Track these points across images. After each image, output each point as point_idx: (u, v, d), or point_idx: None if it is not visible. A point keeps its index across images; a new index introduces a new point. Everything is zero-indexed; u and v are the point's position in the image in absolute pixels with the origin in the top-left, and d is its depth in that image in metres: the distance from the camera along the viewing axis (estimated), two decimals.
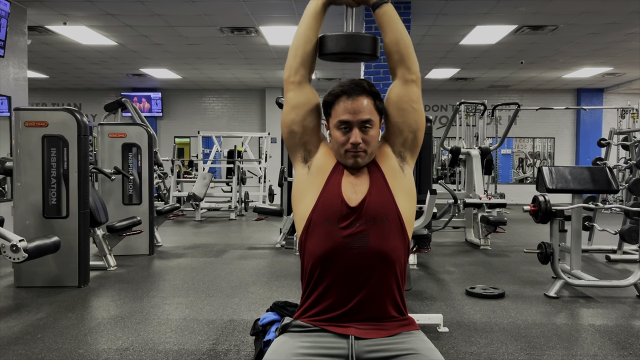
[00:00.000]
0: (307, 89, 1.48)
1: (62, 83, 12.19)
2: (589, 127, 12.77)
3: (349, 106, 1.40)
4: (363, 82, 1.43)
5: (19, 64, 6.17)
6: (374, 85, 1.46)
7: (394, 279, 1.37)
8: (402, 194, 1.43)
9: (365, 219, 1.36)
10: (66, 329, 3.14)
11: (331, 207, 1.38)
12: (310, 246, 1.39)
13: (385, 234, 1.36)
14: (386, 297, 1.36)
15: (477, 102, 7.59)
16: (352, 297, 1.34)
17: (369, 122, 1.40)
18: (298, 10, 6.48)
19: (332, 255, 1.35)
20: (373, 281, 1.34)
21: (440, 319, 3.16)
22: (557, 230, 4.00)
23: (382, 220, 1.37)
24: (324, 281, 1.36)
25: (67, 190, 4.14)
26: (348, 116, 1.39)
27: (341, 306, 1.34)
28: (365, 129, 1.40)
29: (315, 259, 1.37)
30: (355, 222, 1.36)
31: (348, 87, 1.41)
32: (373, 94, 1.43)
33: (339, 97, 1.41)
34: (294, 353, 1.30)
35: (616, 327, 3.23)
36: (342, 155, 1.43)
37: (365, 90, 1.41)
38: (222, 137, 11.03)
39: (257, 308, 3.60)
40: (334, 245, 1.35)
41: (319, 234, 1.37)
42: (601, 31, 7.41)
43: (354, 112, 1.39)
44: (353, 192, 1.39)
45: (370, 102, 1.42)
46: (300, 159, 1.49)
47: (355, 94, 1.40)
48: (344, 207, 1.37)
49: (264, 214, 6.62)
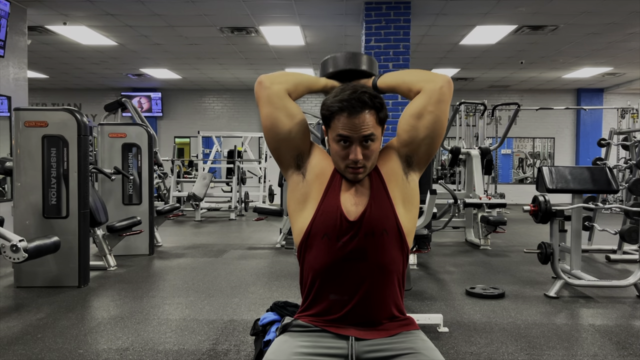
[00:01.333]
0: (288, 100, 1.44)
1: (62, 83, 12.19)
2: (589, 127, 12.77)
3: (349, 123, 1.32)
4: (364, 95, 1.32)
5: (19, 64, 6.17)
6: (377, 95, 1.36)
7: (393, 286, 1.38)
8: (403, 203, 1.40)
9: (365, 233, 1.33)
10: (66, 329, 3.14)
11: (330, 220, 1.35)
12: (309, 259, 1.38)
13: (384, 247, 1.35)
14: (385, 302, 1.37)
15: (477, 102, 7.59)
16: (352, 305, 1.35)
17: (371, 137, 1.33)
18: (298, 10, 6.48)
19: (331, 269, 1.35)
20: (372, 290, 1.35)
21: (440, 319, 3.16)
22: (557, 230, 4.00)
23: (381, 232, 1.34)
24: (323, 292, 1.37)
25: (67, 190, 4.14)
26: (348, 132, 1.32)
27: (341, 310, 1.35)
28: (366, 144, 1.34)
29: (314, 272, 1.37)
30: (355, 237, 1.34)
31: (348, 102, 1.31)
32: (376, 106, 1.34)
33: (339, 113, 1.33)
34: (295, 352, 1.30)
35: (616, 327, 3.23)
36: (342, 169, 1.38)
37: (366, 105, 1.32)
38: (222, 137, 11.04)
39: (257, 308, 3.60)
40: (333, 259, 1.34)
41: (318, 247, 1.36)
42: (601, 31, 7.41)
43: (355, 129, 1.32)
44: (352, 204, 1.36)
45: (373, 117, 1.34)
46: (292, 166, 1.44)
47: (356, 111, 1.31)
48: (343, 221, 1.34)
49: (264, 214, 6.62)
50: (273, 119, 1.41)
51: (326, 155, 1.46)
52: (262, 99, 1.42)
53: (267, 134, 1.43)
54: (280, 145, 1.43)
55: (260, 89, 1.42)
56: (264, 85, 1.42)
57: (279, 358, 1.29)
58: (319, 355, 1.30)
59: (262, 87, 1.42)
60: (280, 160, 1.46)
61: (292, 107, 1.43)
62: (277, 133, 1.41)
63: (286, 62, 9.67)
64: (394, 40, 6.27)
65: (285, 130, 1.41)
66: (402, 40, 6.28)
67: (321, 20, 6.98)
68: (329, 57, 1.57)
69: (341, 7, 6.40)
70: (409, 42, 6.30)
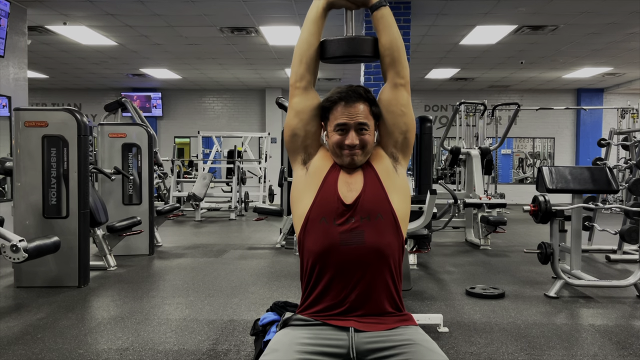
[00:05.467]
0: (312, 94, 1.54)
1: (62, 83, 12.19)
2: (589, 127, 12.77)
3: (346, 111, 1.47)
4: (360, 88, 1.51)
5: (19, 64, 6.17)
6: (370, 92, 1.53)
7: (389, 273, 1.42)
8: (396, 193, 1.49)
9: (360, 216, 1.42)
10: (66, 329, 3.14)
11: (328, 204, 1.45)
12: (308, 244, 1.44)
13: (380, 230, 1.42)
14: (382, 291, 1.41)
15: (477, 102, 7.59)
16: (350, 292, 1.39)
17: (365, 126, 1.47)
18: (298, 10, 6.48)
19: (329, 251, 1.40)
20: (369, 275, 1.40)
21: (440, 319, 3.16)
22: (557, 230, 4.00)
23: (377, 216, 1.43)
24: (323, 278, 1.41)
25: (67, 190, 4.14)
26: (345, 119, 1.47)
27: (341, 303, 1.39)
28: (361, 131, 1.47)
29: (313, 256, 1.42)
30: (351, 219, 1.42)
31: (345, 93, 1.48)
32: (369, 100, 1.51)
33: (337, 103, 1.49)
34: (296, 343, 1.34)
35: (616, 327, 3.23)
36: (339, 154, 1.49)
37: (361, 97, 1.49)
38: (222, 137, 11.04)
39: (257, 308, 3.61)
40: (331, 241, 1.41)
41: (316, 231, 1.43)
42: (601, 31, 7.41)
43: (351, 116, 1.47)
44: (348, 190, 1.46)
45: (367, 108, 1.49)
46: (300, 162, 1.55)
47: (352, 100, 1.48)
48: (339, 205, 1.44)
49: (264, 214, 6.62)
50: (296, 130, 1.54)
51: (329, 155, 1.55)
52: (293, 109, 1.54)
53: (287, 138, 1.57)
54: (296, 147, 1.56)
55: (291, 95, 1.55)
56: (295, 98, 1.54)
57: (281, 349, 1.32)
58: (320, 345, 1.34)
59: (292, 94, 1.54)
60: (292, 154, 1.58)
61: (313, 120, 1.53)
62: (296, 141, 1.55)
63: (286, 62, 9.66)
64: None
65: (302, 138, 1.55)
66: None
67: None
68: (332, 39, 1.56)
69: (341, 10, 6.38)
70: (409, 42, 6.29)
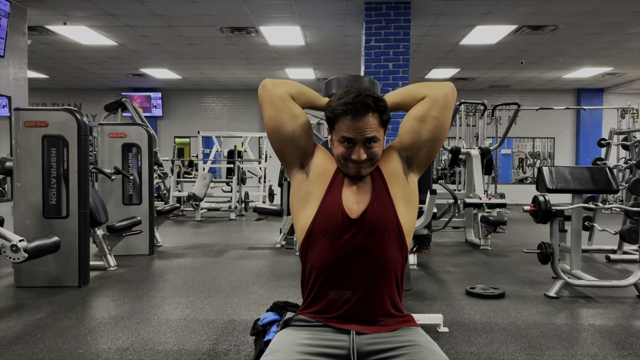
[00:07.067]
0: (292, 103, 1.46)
1: (62, 83, 12.19)
2: (589, 127, 12.77)
3: (353, 125, 1.35)
4: (369, 98, 1.35)
5: (19, 64, 6.17)
6: (380, 98, 1.39)
7: (393, 284, 1.40)
8: (403, 202, 1.42)
9: (366, 231, 1.35)
10: (66, 329, 3.14)
11: (331, 218, 1.37)
12: (311, 257, 1.40)
13: (385, 246, 1.37)
14: (385, 299, 1.39)
15: (477, 102, 7.59)
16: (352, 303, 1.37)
17: (374, 139, 1.36)
18: (298, 10, 6.48)
19: (333, 266, 1.37)
20: (372, 289, 1.37)
21: (440, 319, 3.16)
22: (557, 230, 4.00)
23: (382, 232, 1.36)
24: (324, 288, 1.39)
25: (67, 190, 4.14)
26: (352, 135, 1.35)
27: (341, 307, 1.37)
28: (369, 145, 1.37)
29: (317, 270, 1.38)
30: (356, 235, 1.35)
31: (352, 106, 1.34)
32: (379, 109, 1.37)
33: (343, 116, 1.35)
34: (297, 344, 1.32)
35: (616, 327, 3.23)
36: (345, 165, 1.40)
37: (370, 108, 1.35)
38: (222, 137, 11.04)
39: (257, 308, 3.61)
40: (335, 257, 1.36)
41: (320, 245, 1.38)
42: (601, 31, 7.41)
43: (359, 131, 1.35)
44: (354, 203, 1.38)
45: (376, 119, 1.37)
46: (297, 166, 1.46)
47: (360, 114, 1.34)
48: (344, 219, 1.36)
49: (264, 214, 6.62)
50: (277, 121, 1.44)
51: (329, 156, 1.48)
52: (266, 101, 1.45)
53: (271, 136, 1.46)
54: (284, 145, 1.46)
55: (264, 91, 1.46)
56: (267, 87, 1.45)
57: (282, 349, 1.31)
58: (321, 347, 1.32)
59: (265, 90, 1.45)
60: (284, 160, 1.48)
61: (295, 109, 1.45)
62: (281, 134, 1.44)
63: (286, 62, 9.67)
64: (394, 40, 6.27)
65: (289, 131, 1.44)
66: (402, 40, 6.28)
67: (321, 20, 6.98)
68: (333, 78, 1.61)
69: (341, 7, 6.40)
70: (409, 42, 6.30)
